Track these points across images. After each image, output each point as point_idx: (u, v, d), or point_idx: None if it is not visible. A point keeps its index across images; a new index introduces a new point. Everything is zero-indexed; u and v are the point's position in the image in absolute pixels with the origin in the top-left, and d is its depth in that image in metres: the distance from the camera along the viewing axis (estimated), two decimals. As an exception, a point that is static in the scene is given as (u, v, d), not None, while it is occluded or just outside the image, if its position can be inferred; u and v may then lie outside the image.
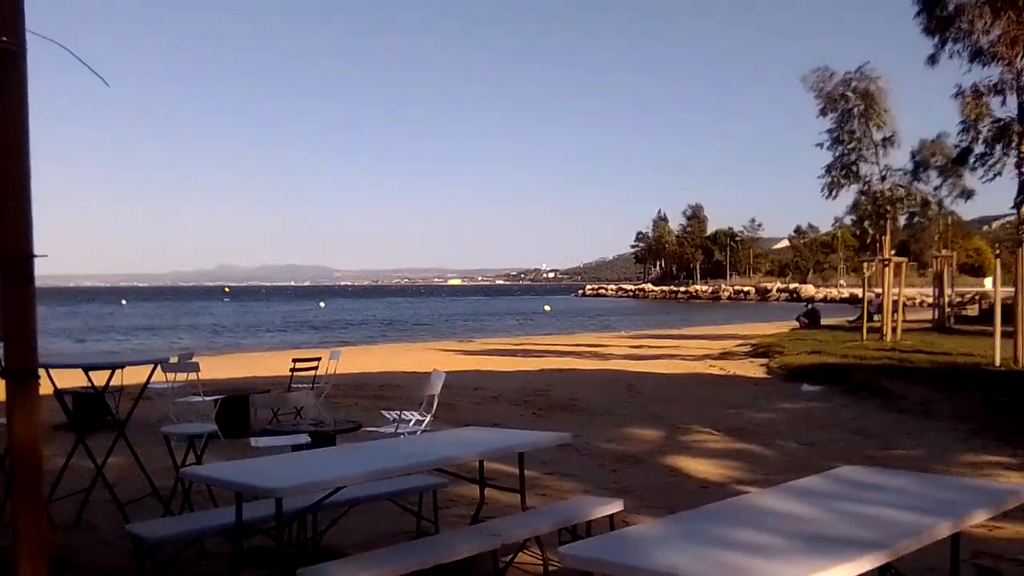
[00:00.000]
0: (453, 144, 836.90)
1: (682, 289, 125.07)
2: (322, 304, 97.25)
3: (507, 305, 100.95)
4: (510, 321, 60.43)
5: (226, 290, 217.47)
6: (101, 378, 6.29)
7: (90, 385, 6.48)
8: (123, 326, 53.35)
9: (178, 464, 6.30)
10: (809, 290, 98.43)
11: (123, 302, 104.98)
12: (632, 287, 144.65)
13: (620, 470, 8.10)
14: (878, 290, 24.51)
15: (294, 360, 10.48)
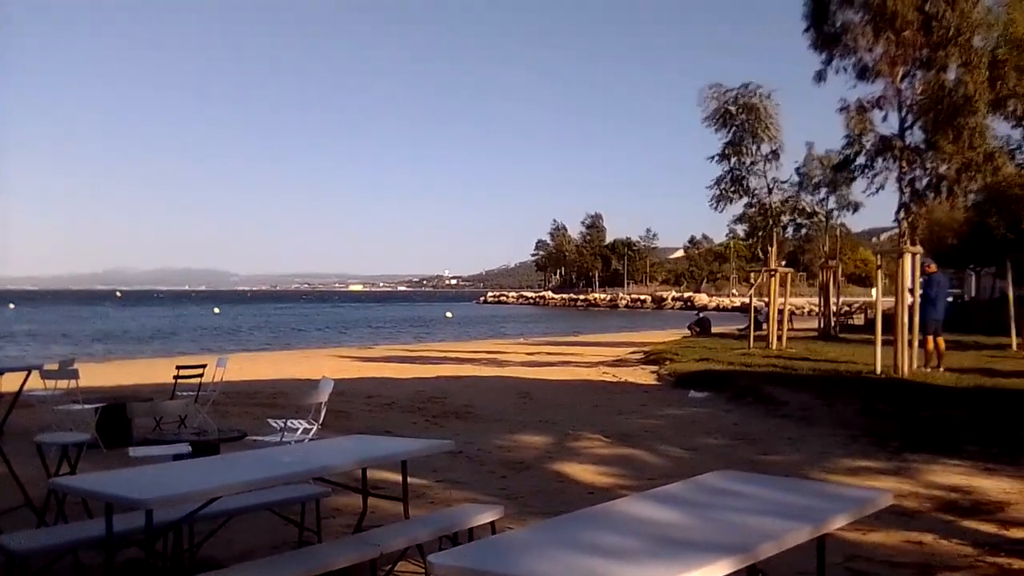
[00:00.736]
0: (351, 149, 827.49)
1: (581, 297, 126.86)
2: (216, 310, 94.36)
3: (409, 312, 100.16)
4: (411, 328, 60.04)
5: (118, 294, 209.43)
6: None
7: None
8: (7, 332, 50.70)
9: (51, 474, 6.08)
10: (702, 299, 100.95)
11: (10, 306, 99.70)
12: (533, 295, 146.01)
13: (509, 477, 8.17)
14: (767, 299, 25.36)
15: (178, 367, 10.22)
